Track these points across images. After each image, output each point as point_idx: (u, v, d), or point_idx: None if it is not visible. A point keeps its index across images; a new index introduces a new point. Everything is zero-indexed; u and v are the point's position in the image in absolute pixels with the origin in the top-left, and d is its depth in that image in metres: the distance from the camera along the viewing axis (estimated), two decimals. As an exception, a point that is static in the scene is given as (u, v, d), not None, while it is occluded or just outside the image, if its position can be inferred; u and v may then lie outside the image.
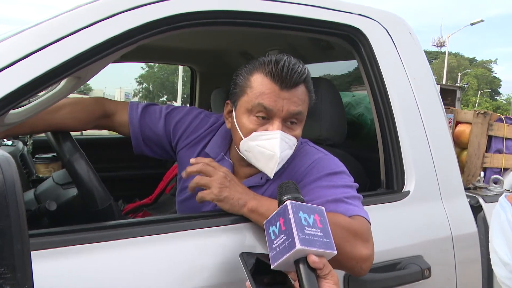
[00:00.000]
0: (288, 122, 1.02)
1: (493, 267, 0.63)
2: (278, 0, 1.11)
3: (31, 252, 0.54)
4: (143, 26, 0.94)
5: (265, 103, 1.00)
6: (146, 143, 1.23)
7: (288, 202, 0.71)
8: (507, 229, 0.58)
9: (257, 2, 1.09)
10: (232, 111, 1.09)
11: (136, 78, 42.65)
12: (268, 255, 0.73)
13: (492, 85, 51.51)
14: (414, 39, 1.32)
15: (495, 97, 51.26)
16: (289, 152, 1.03)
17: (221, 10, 1.04)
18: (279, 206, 0.75)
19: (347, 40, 1.26)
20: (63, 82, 0.98)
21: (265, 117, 1.01)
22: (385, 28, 1.26)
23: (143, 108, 1.23)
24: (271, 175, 1.02)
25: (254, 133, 1.01)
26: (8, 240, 0.42)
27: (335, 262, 0.74)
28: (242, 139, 1.03)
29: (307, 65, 1.07)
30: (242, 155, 1.06)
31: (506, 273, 0.59)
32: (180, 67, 13.90)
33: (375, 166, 1.33)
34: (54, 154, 1.59)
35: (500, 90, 54.89)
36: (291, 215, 0.70)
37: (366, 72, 1.26)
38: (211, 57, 2.44)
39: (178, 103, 24.38)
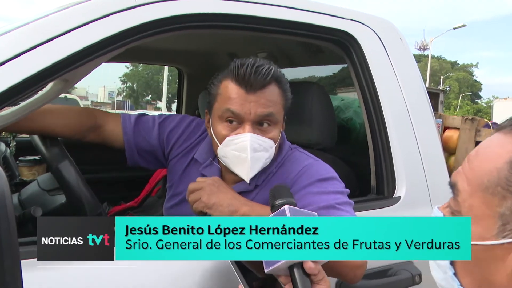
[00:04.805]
0: (260, 125, 1.02)
1: (431, 273, 0.65)
2: (270, 4, 1.10)
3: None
4: (132, 29, 0.92)
5: (232, 107, 1.00)
6: (140, 154, 1.22)
7: (286, 207, 0.70)
8: None
9: (248, 6, 1.08)
10: (210, 120, 1.09)
11: (120, 77, 42.16)
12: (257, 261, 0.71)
13: (473, 89, 52.54)
14: (405, 44, 1.33)
15: (476, 101, 52.25)
16: (264, 155, 1.02)
17: (210, 13, 1.03)
18: (272, 210, 0.74)
19: (339, 45, 1.26)
20: (50, 85, 0.95)
21: (236, 121, 1.01)
22: (376, 34, 1.26)
23: (136, 118, 1.22)
24: (247, 179, 1.02)
25: (227, 139, 1.01)
26: (-2, 256, 0.40)
27: (328, 269, 0.74)
28: (218, 145, 1.03)
29: (295, 68, 1.06)
30: (222, 162, 1.06)
31: (441, 274, 0.61)
32: (166, 67, 13.82)
33: (364, 171, 1.33)
34: (38, 156, 1.55)
35: (480, 94, 56.10)
36: None
37: (357, 77, 1.26)
38: (199, 58, 2.41)
39: (163, 103, 24.20)
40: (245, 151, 0.99)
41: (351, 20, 1.23)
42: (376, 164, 1.26)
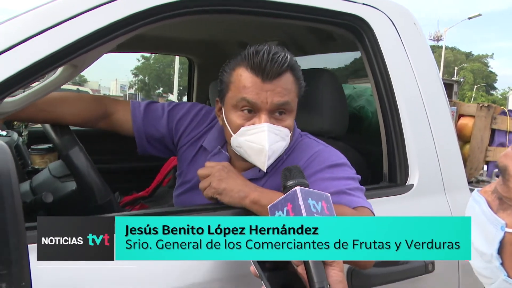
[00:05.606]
0: (276, 114, 1.01)
1: (471, 261, 0.63)
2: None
3: (29, 246, 0.51)
4: (141, 13, 0.91)
5: (248, 97, 0.98)
6: (149, 142, 1.22)
7: (298, 188, 0.70)
8: (482, 220, 0.58)
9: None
10: (221, 108, 1.08)
11: (131, 70, 42.38)
12: None
13: (488, 80, 51.64)
14: (419, 30, 1.30)
15: (491, 92, 51.38)
16: (282, 144, 1.01)
17: None
18: (284, 191, 0.74)
19: (351, 30, 1.23)
20: (59, 70, 0.95)
21: (251, 111, 1.00)
22: (389, 18, 1.23)
23: (146, 106, 1.22)
24: (264, 169, 1.00)
25: (242, 128, 1.00)
26: (3, 234, 0.40)
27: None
28: (232, 135, 1.02)
29: (307, 57, 1.05)
30: (235, 151, 1.06)
31: (483, 263, 0.59)
32: (177, 59, 13.83)
33: (376, 159, 1.31)
34: (50, 145, 1.56)
35: (495, 85, 55.11)
36: (301, 202, 0.68)
37: (370, 64, 1.23)
38: (209, 47, 2.40)
39: (175, 95, 24.29)
40: (263, 141, 0.97)
41: (363, 4, 1.20)
42: (389, 152, 1.24)
